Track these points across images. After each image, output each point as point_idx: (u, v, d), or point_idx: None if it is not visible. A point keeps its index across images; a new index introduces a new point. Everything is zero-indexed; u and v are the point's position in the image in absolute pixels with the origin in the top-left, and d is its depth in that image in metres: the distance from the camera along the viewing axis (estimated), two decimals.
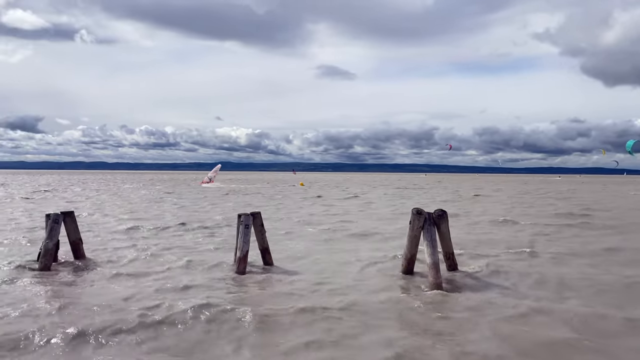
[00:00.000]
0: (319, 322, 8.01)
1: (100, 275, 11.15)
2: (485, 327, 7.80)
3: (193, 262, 12.71)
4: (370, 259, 13.29)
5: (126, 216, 24.48)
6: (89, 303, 8.86)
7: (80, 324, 7.64)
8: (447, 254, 11.61)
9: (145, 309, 8.41)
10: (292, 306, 8.70)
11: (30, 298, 9.18)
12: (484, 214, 26.95)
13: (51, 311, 8.30)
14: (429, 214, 11.00)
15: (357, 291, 9.97)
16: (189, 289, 10.02)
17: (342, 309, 8.68)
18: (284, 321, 7.98)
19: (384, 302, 9.17)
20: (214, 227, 19.88)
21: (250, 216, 11.81)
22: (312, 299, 9.34)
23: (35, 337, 7.10)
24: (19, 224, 20.72)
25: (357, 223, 22.11)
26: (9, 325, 7.57)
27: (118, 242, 16.06)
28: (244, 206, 31.57)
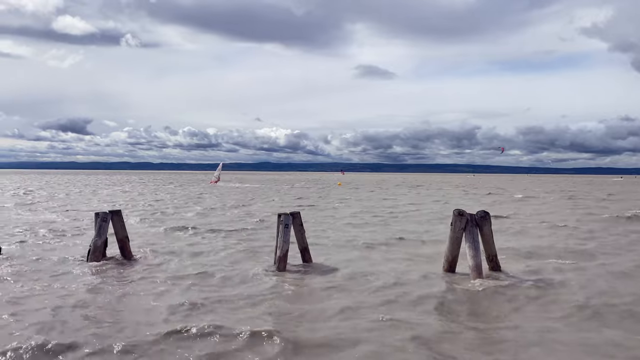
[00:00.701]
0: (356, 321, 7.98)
1: (143, 273, 11.50)
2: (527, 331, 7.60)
3: (235, 261, 12.94)
4: (411, 260, 13.16)
5: (174, 216, 25.16)
6: (128, 298, 9.18)
7: (116, 318, 7.93)
8: (489, 256, 11.35)
9: (178, 306, 8.65)
10: (331, 303, 8.73)
11: (76, 292, 9.58)
12: (535, 216, 26.15)
13: (91, 304, 8.65)
14: (471, 215, 10.79)
15: (397, 290, 9.87)
16: (229, 288, 10.20)
17: (381, 304, 8.63)
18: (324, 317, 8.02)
19: (423, 302, 9.05)
20: (258, 228, 20.13)
21: (289, 216, 11.92)
22: (350, 296, 9.33)
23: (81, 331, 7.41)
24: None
25: (400, 224, 21.92)
26: (58, 318, 7.95)
27: (163, 241, 16.52)
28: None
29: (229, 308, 8.67)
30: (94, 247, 12.30)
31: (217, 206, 31.90)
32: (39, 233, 17.92)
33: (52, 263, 12.41)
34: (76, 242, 15.92)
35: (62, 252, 14.01)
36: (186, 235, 17.81)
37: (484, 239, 10.99)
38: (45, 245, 15.23)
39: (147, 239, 16.62)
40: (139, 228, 19.58)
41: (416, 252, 14.35)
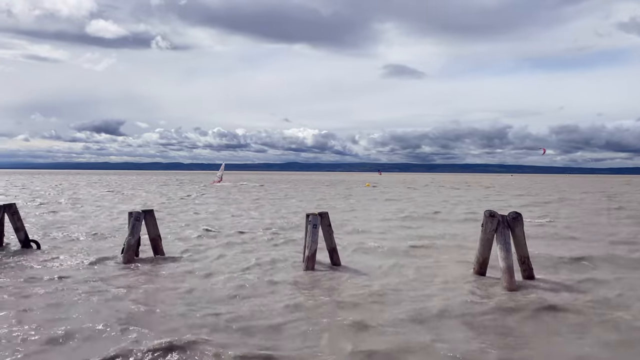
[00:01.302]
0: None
1: (174, 271, 11.75)
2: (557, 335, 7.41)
3: (262, 260, 13.08)
4: (441, 262, 13.02)
5: (205, 217, 25.55)
6: (160, 295, 9.39)
7: (144, 314, 8.13)
8: (522, 257, 11.13)
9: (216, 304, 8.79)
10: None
11: (110, 289, 9.87)
12: (574, 219, 25.50)
13: (126, 299, 8.89)
14: (503, 217, 10.61)
15: (425, 294, 9.79)
16: (254, 287, 10.31)
17: (406, 310, 8.58)
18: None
19: (452, 305, 8.95)
20: (287, 229, 20.26)
21: (318, 216, 11.97)
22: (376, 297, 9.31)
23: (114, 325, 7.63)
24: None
25: (431, 226, 21.72)
26: (95, 311, 8.21)
27: (194, 241, 16.81)
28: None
29: (254, 305, 8.77)
30: (128, 245, 12.61)
31: (247, 206, 32.19)
32: (74, 231, 18.47)
33: (87, 260, 12.80)
34: (112, 240, 16.35)
35: (97, 250, 14.42)
36: (216, 235, 18.03)
37: (515, 241, 10.78)
38: (81, 244, 15.68)
39: (179, 238, 16.93)
40: (174, 228, 19.94)
41: (445, 254, 14.17)
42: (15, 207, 14.23)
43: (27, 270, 11.67)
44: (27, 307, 8.63)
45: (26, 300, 9.04)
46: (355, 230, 19.57)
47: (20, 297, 9.27)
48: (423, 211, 28.80)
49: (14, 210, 14.09)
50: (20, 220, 14.27)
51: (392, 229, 20.04)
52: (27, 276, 10.97)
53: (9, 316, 8.09)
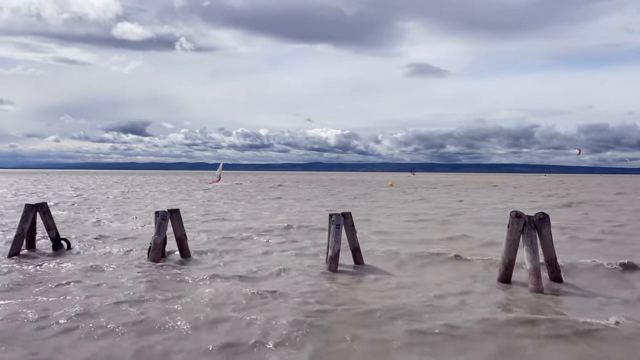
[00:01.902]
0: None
1: (199, 269, 11.93)
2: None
3: (287, 261, 13.16)
4: (466, 263, 12.89)
5: (237, 217, 25.83)
6: (185, 292, 9.55)
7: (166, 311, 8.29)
8: (549, 259, 10.93)
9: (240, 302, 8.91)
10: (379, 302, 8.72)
11: (136, 286, 10.10)
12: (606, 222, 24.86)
13: (153, 298, 9.07)
14: (529, 217, 10.44)
15: (448, 295, 9.71)
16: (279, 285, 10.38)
17: (428, 311, 8.52)
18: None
19: (479, 302, 8.85)
20: (310, 229, 20.32)
21: (341, 216, 11.98)
22: (398, 298, 9.28)
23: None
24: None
25: (457, 226, 21.50)
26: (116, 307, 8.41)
27: (219, 241, 17.02)
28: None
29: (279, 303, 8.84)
30: (154, 244, 12.84)
31: (268, 207, 32.39)
32: (104, 230, 18.91)
33: (117, 259, 13.10)
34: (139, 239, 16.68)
35: (125, 248, 14.75)
36: (242, 235, 18.19)
37: (542, 242, 10.60)
38: (109, 243, 16.04)
39: (205, 238, 17.16)
40: (199, 227, 20.21)
41: (472, 256, 14.01)
42: (46, 206, 14.63)
43: (57, 268, 12.03)
44: (52, 303, 8.92)
45: (53, 296, 9.34)
46: (378, 230, 19.50)
47: (50, 293, 9.57)
48: (451, 212, 28.51)
49: (45, 209, 14.49)
50: (51, 219, 14.66)
51: (416, 230, 19.91)
52: (59, 274, 11.33)
53: (40, 310, 8.37)
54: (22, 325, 7.70)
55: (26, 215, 13.94)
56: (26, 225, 13.94)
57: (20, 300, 9.07)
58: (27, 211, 13.99)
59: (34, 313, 8.22)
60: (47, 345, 6.97)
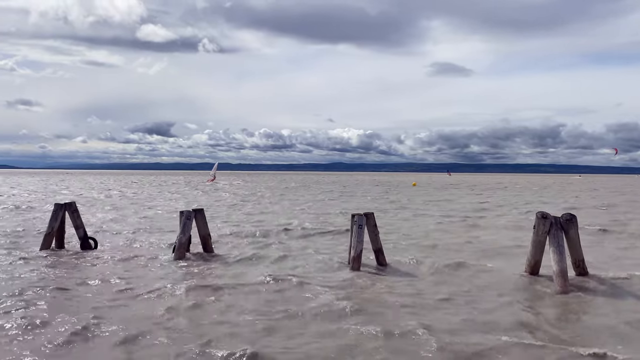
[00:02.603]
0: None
1: (223, 268, 12.05)
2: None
3: (309, 260, 13.20)
4: (490, 265, 12.72)
5: (256, 217, 26.03)
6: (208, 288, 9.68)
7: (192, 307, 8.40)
8: (576, 261, 10.72)
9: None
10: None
11: (163, 283, 10.27)
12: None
13: (177, 293, 9.22)
14: (556, 218, 10.25)
15: (473, 298, 9.59)
16: (306, 285, 10.42)
17: (455, 323, 8.43)
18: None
19: (503, 309, 8.72)
20: (334, 230, 20.33)
21: (363, 217, 11.95)
22: (418, 299, 9.21)
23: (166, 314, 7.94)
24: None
25: (480, 229, 21.24)
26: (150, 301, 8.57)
27: (242, 240, 17.17)
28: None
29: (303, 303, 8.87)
30: (179, 243, 13.04)
31: (290, 207, 32.50)
32: (131, 229, 19.28)
33: (144, 257, 13.36)
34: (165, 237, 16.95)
35: (152, 247, 15.01)
36: (264, 234, 18.31)
37: (569, 244, 10.39)
38: (135, 241, 16.34)
39: (228, 236, 17.34)
40: (224, 226, 20.44)
41: (496, 257, 13.82)
42: (75, 205, 14.98)
43: (85, 266, 12.32)
44: (81, 300, 9.13)
45: (83, 293, 9.56)
46: (399, 230, 19.40)
47: (78, 290, 9.80)
48: (477, 213, 28.17)
49: (74, 209, 14.84)
50: (79, 218, 15.00)
51: (440, 231, 19.74)
52: (84, 271, 11.62)
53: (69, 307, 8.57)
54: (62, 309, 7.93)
55: (55, 214, 14.31)
56: (55, 224, 14.31)
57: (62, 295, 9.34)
58: (57, 210, 14.36)
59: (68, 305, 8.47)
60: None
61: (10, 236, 17.13)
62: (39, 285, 10.06)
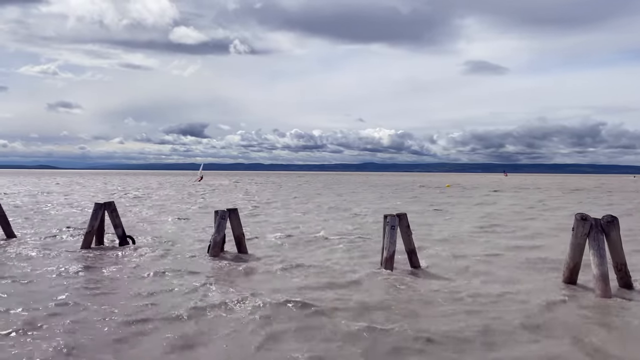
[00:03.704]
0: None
1: (255, 267, 12.20)
2: None
3: (340, 260, 13.21)
4: (526, 266, 12.44)
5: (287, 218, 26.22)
6: (242, 287, 9.81)
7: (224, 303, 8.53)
8: (617, 264, 10.34)
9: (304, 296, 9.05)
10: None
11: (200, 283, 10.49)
12: None
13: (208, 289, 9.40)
14: (596, 220, 9.93)
15: (510, 300, 9.40)
16: (334, 285, 10.44)
17: (493, 318, 8.29)
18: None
19: (542, 312, 8.52)
20: (366, 231, 20.26)
21: (396, 217, 11.87)
22: (456, 304, 9.09)
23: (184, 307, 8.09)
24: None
25: (525, 232, 20.79)
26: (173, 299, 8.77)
27: (274, 240, 17.32)
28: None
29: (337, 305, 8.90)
30: (214, 242, 13.27)
31: (326, 209, 32.55)
32: (166, 228, 19.73)
33: (180, 255, 13.67)
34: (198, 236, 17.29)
35: (188, 246, 15.33)
36: (298, 234, 18.42)
37: (611, 247, 10.04)
38: (171, 240, 16.71)
39: (264, 237, 17.53)
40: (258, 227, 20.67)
41: (532, 261, 13.49)
42: (114, 205, 15.44)
43: (127, 263, 12.71)
44: (122, 295, 9.42)
45: (123, 288, 9.86)
46: (432, 232, 19.18)
47: (120, 286, 10.11)
48: (522, 216, 27.57)
49: (112, 208, 15.31)
50: (118, 217, 15.46)
51: (476, 234, 19.41)
52: (128, 269, 11.99)
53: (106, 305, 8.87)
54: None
55: (95, 213, 14.79)
56: (95, 222, 14.79)
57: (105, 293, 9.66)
58: (96, 210, 14.84)
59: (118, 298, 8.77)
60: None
61: (58, 235, 17.81)
62: (80, 281, 10.49)
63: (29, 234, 17.56)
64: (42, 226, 20.03)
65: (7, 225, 16.81)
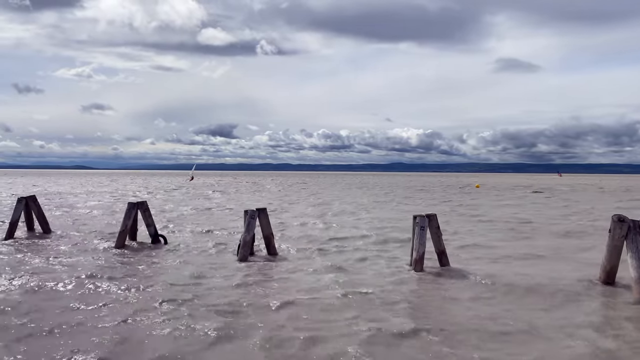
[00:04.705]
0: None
1: (283, 266, 12.29)
2: None
3: (368, 261, 13.19)
4: (560, 267, 12.16)
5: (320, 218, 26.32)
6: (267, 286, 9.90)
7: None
8: None
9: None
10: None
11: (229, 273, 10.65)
12: None
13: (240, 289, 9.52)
14: (634, 222, 9.63)
15: (543, 299, 9.20)
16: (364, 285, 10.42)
17: (526, 321, 8.13)
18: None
19: (573, 317, 8.31)
20: (394, 232, 20.14)
21: (425, 218, 11.77)
22: (487, 308, 8.94)
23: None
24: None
25: (550, 226, 20.30)
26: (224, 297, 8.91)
27: (304, 239, 17.40)
28: None
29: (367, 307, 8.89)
30: (244, 242, 13.41)
31: (350, 210, 32.50)
32: (199, 228, 20.07)
33: (211, 255, 13.91)
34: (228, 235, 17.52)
35: (217, 246, 15.57)
36: (328, 236, 18.42)
37: None
38: (202, 239, 16.99)
39: (292, 237, 17.64)
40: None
41: (567, 264, 13.16)
42: (146, 204, 15.79)
43: (160, 262, 13.00)
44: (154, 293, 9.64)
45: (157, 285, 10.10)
46: (460, 232, 18.92)
47: (151, 282, 10.35)
48: (555, 220, 26.94)
49: (145, 208, 15.65)
50: (150, 216, 15.80)
51: (508, 235, 19.07)
52: (160, 266, 12.27)
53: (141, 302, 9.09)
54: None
55: (129, 212, 15.16)
56: (129, 222, 15.16)
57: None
58: (130, 209, 15.21)
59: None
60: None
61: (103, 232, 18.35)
62: (118, 276, 10.84)
63: (64, 232, 18.06)
64: (78, 224, 20.63)
65: (45, 223, 17.42)
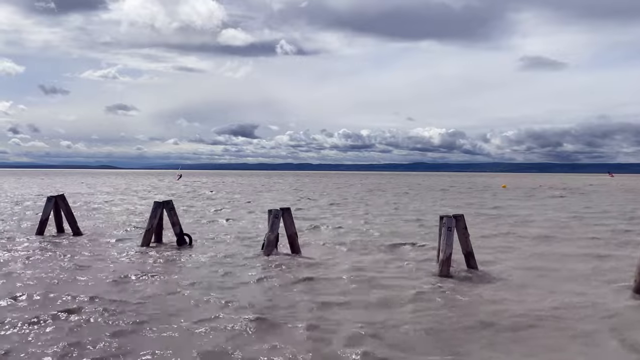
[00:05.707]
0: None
1: (301, 266, 12.22)
2: None
3: (395, 262, 13.03)
4: (593, 270, 11.81)
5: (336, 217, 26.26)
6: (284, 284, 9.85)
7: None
8: None
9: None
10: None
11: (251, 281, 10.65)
12: None
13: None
14: None
15: (578, 304, 8.93)
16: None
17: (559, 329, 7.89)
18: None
19: (611, 317, 8.04)
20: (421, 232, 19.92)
21: (452, 219, 11.55)
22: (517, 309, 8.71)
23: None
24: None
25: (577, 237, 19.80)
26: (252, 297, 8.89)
27: (322, 241, 17.31)
28: None
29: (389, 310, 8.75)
30: (268, 241, 13.41)
31: (377, 212, 32.29)
32: (221, 228, 20.18)
33: (237, 254, 13.95)
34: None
35: (240, 245, 15.59)
36: (351, 237, 18.30)
37: None
38: (226, 239, 17.06)
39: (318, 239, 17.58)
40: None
41: (598, 266, 12.78)
42: (172, 203, 15.91)
43: (182, 259, 13.09)
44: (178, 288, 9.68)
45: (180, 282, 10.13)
46: (488, 235, 18.59)
47: (175, 279, 10.40)
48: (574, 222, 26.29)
49: (171, 207, 15.77)
50: (176, 215, 15.91)
51: (542, 240, 18.66)
52: (182, 264, 12.36)
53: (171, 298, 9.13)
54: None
55: (154, 211, 15.29)
56: (154, 221, 15.30)
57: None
58: (155, 208, 15.34)
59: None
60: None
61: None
62: (140, 271, 10.94)
63: (93, 232, 18.34)
64: (105, 224, 20.97)
65: (74, 223, 17.72)
